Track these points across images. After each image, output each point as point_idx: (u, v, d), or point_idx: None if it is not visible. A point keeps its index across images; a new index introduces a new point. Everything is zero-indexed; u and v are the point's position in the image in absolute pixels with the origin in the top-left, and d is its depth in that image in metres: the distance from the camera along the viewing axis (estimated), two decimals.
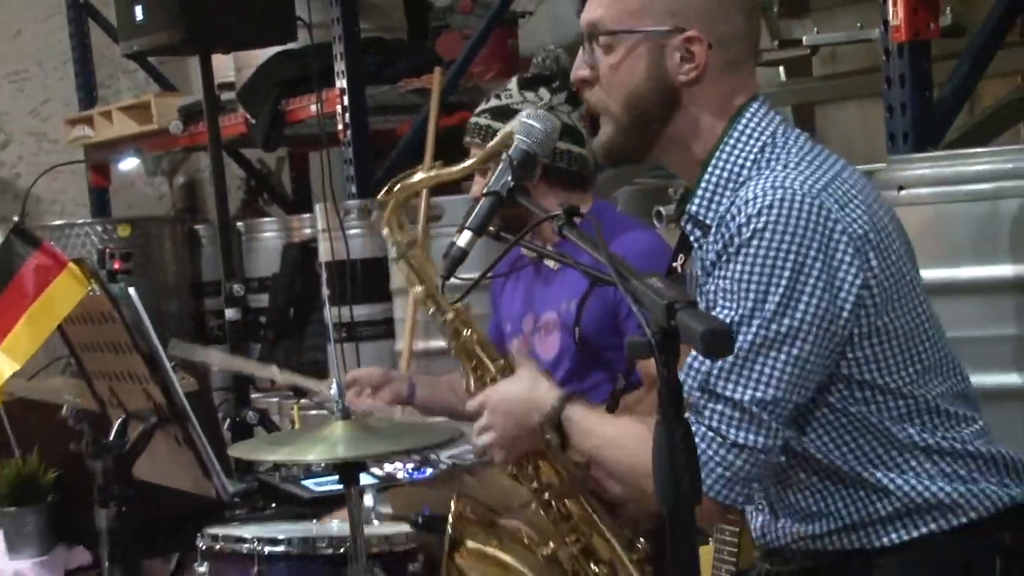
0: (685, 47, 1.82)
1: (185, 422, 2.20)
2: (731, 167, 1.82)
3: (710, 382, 1.71)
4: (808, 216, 1.71)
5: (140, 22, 4.22)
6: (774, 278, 1.70)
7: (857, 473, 1.79)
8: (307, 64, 4.57)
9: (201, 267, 5.67)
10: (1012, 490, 1.82)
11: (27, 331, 2.13)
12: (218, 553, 2.72)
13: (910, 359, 1.79)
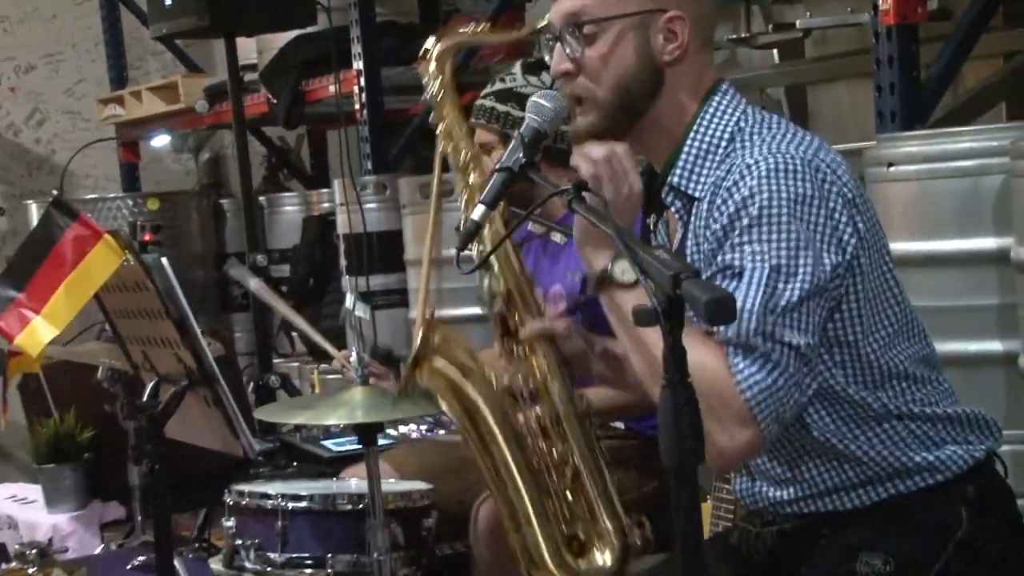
0: (667, 27, 1.81)
1: (214, 385, 2.20)
2: (710, 139, 1.81)
3: (776, 332, 1.66)
4: (808, 177, 1.71)
5: (169, 6, 4.22)
6: (792, 236, 1.68)
7: (831, 444, 1.80)
8: (326, 46, 4.55)
9: (225, 239, 5.68)
10: (976, 447, 1.82)
11: (66, 298, 2.13)
12: (244, 508, 2.73)
13: (882, 322, 1.79)
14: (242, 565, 2.74)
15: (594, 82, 1.83)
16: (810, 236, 1.69)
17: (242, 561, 2.73)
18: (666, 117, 1.84)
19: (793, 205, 1.69)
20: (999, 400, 2.41)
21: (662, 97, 1.83)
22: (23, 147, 6.69)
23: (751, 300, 1.66)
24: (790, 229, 1.68)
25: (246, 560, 2.72)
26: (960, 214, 2.50)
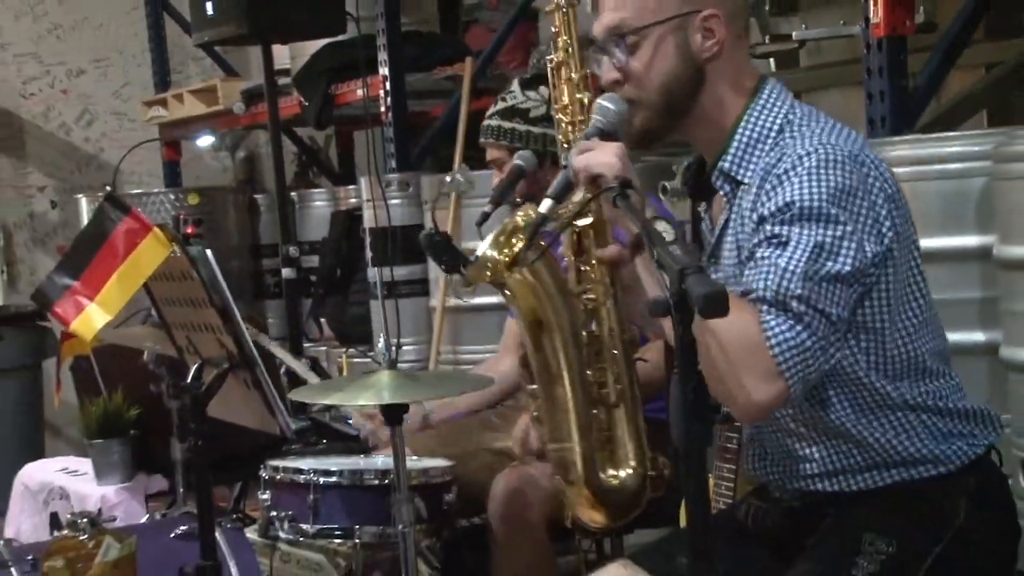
0: (704, 26, 1.80)
1: (254, 367, 2.20)
2: (760, 129, 1.81)
3: (813, 297, 1.65)
4: (855, 170, 1.71)
5: (211, 16, 4.22)
6: (839, 223, 1.68)
7: (845, 428, 1.79)
8: (354, 53, 4.55)
9: (260, 231, 5.68)
10: (979, 441, 1.81)
11: (118, 287, 2.13)
12: (279, 482, 2.74)
13: (907, 314, 1.78)
14: (276, 535, 2.74)
15: (641, 87, 1.83)
16: (855, 225, 1.68)
17: (276, 531, 2.73)
18: (712, 109, 1.84)
19: (841, 195, 1.68)
20: (982, 388, 2.39)
21: (705, 91, 1.83)
22: (73, 145, 6.70)
23: (795, 263, 1.66)
24: (838, 218, 1.67)
25: (280, 530, 2.72)
26: (945, 214, 2.49)
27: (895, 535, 1.74)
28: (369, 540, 2.66)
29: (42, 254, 6.57)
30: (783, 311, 1.65)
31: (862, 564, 1.72)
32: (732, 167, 1.82)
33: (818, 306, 1.65)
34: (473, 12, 5.59)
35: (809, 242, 1.67)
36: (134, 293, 2.19)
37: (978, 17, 3.01)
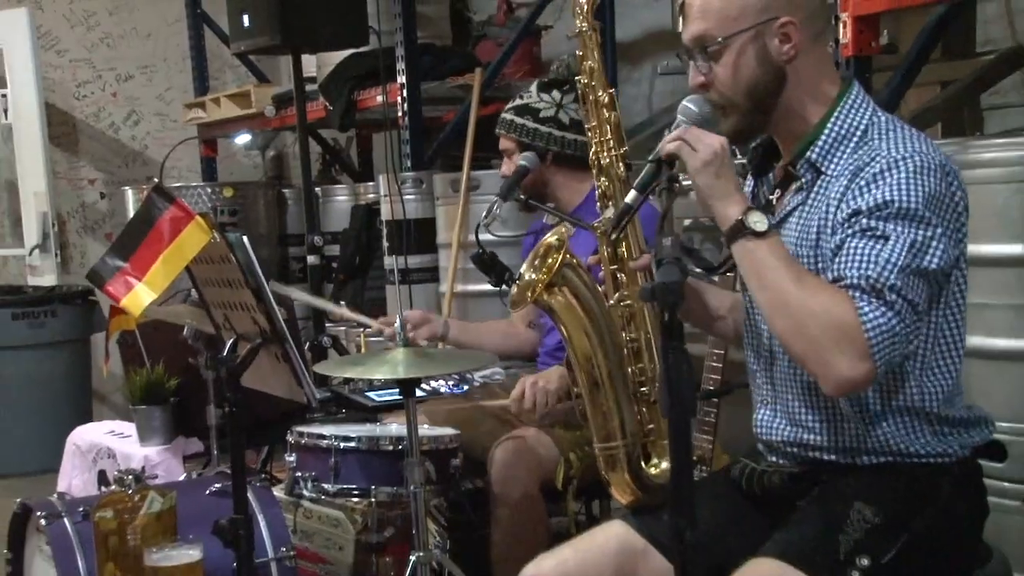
0: (781, 32, 1.76)
1: (284, 343, 2.20)
2: (848, 127, 1.78)
3: (905, 288, 1.63)
4: (943, 179, 1.68)
5: (247, 28, 4.21)
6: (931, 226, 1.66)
7: (857, 414, 1.77)
8: (375, 63, 4.54)
9: (287, 222, 5.68)
10: (970, 440, 1.80)
11: (163, 269, 2.13)
12: (303, 446, 2.75)
13: (957, 323, 1.77)
14: (301, 493, 2.75)
15: (726, 92, 1.80)
16: (944, 229, 1.67)
17: (301, 490, 2.74)
18: (797, 105, 1.81)
19: (933, 201, 1.66)
20: None
21: (787, 90, 1.80)
22: (121, 143, 6.69)
23: (896, 256, 1.64)
24: (931, 221, 1.65)
25: (304, 489, 2.73)
26: None
27: (882, 507, 1.72)
28: (384, 499, 2.67)
29: (91, 240, 6.57)
30: (877, 298, 1.62)
31: (849, 531, 1.70)
32: (819, 159, 1.79)
33: (908, 296, 1.63)
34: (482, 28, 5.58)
35: (907, 239, 1.64)
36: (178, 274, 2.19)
37: (935, 40, 3.00)
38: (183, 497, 2.24)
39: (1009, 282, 2.29)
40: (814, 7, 1.82)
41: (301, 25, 4.08)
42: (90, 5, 6.56)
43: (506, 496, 2.67)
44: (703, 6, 1.79)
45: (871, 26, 2.76)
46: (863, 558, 1.69)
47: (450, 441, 2.74)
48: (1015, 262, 2.28)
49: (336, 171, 6.30)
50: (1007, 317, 2.29)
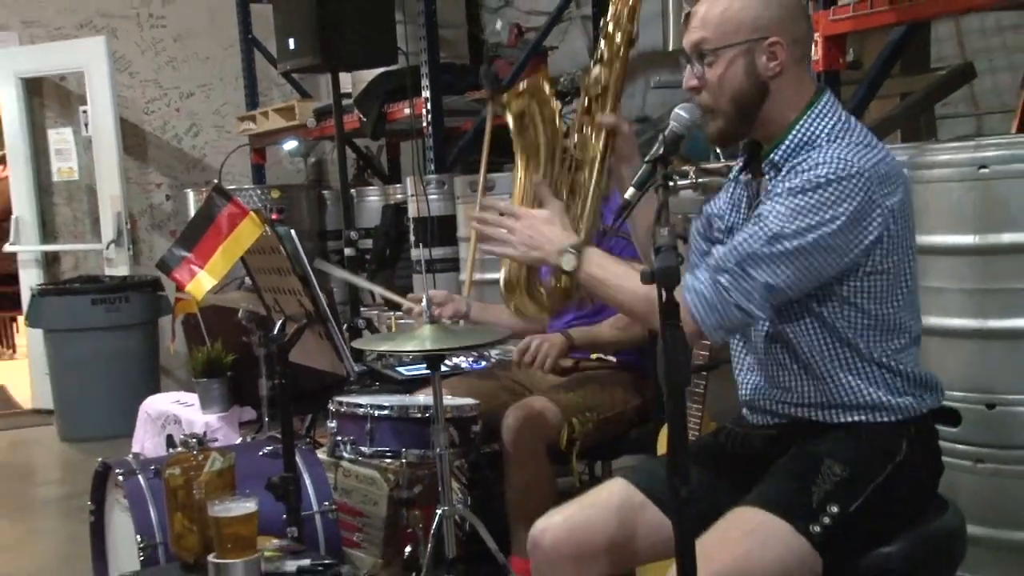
0: (769, 50, 1.74)
1: (327, 323, 2.19)
2: (808, 135, 1.76)
3: (745, 263, 1.66)
4: (858, 186, 1.66)
5: (292, 50, 4.20)
6: (817, 221, 1.65)
7: (828, 370, 1.76)
8: (403, 80, 4.54)
9: (326, 219, 5.69)
10: (924, 402, 1.79)
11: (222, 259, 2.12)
12: (343, 414, 2.74)
13: (895, 296, 1.75)
14: (340, 455, 2.75)
15: (715, 96, 1.77)
16: (831, 222, 1.65)
17: (340, 452, 2.74)
18: (775, 115, 1.78)
19: (827, 209, 1.65)
20: None
21: (769, 102, 1.77)
22: (183, 151, 6.68)
23: (745, 240, 1.67)
24: (811, 221, 1.65)
25: (343, 451, 2.73)
26: None
27: (849, 463, 1.72)
28: (413, 460, 2.66)
29: (158, 236, 6.57)
30: (712, 271, 1.68)
31: (820, 483, 1.69)
32: (780, 160, 1.77)
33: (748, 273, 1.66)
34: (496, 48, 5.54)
35: (770, 229, 1.65)
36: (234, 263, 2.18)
37: (895, 57, 2.97)
38: (240, 458, 2.23)
39: (961, 269, 2.26)
40: (800, 32, 1.79)
41: (338, 47, 4.07)
42: (157, 33, 6.55)
43: (517, 457, 2.66)
44: (704, 17, 1.77)
45: (838, 45, 2.74)
46: (832, 506, 1.68)
47: (470, 410, 2.73)
48: (966, 251, 2.25)
49: (369, 175, 6.29)
50: (960, 299, 2.27)
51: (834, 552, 1.68)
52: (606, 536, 1.80)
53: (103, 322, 5.51)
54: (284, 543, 2.18)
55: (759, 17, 1.74)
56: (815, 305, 1.75)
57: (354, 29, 4.08)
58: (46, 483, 4.93)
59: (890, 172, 1.70)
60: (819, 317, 1.75)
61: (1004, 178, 2.20)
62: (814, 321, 1.76)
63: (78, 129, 6.29)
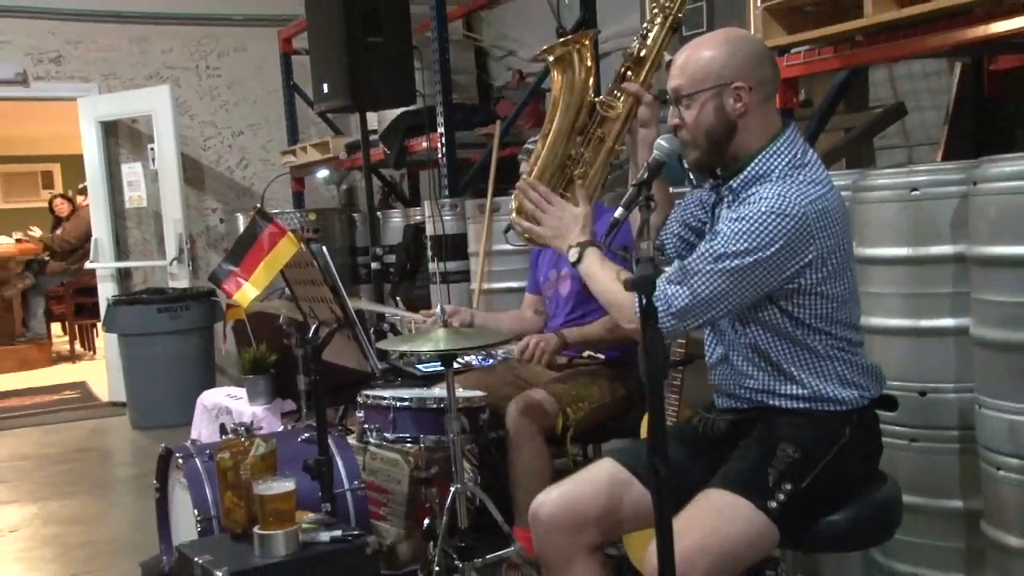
0: (735, 93, 1.74)
1: (354, 327, 2.18)
2: (764, 169, 1.76)
3: (689, 276, 1.67)
4: (793, 221, 1.66)
5: (326, 93, 4.20)
6: (755, 245, 1.65)
7: (782, 365, 1.76)
8: (420, 118, 4.54)
9: (355, 238, 5.66)
10: (867, 392, 1.78)
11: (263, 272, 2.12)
12: (369, 405, 2.73)
13: (835, 311, 1.75)
14: (368, 441, 2.74)
15: (692, 133, 1.78)
16: (757, 259, 1.66)
17: (368, 438, 2.73)
18: (742, 147, 1.78)
19: (764, 237, 1.66)
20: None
21: (737, 137, 1.77)
22: (235, 181, 6.70)
23: (697, 254, 1.68)
24: (750, 244, 1.66)
25: (371, 437, 2.72)
26: None
27: (801, 445, 1.71)
28: (430, 445, 2.65)
29: (213, 253, 6.57)
30: (677, 283, 1.69)
31: (776, 464, 1.69)
32: (739, 187, 1.78)
33: (695, 286, 1.68)
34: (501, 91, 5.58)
35: (718, 249, 1.67)
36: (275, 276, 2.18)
37: (840, 97, 2.97)
38: (281, 443, 2.22)
39: (898, 276, 2.25)
40: (766, 76, 1.77)
41: (365, 91, 4.08)
42: (213, 82, 6.57)
43: (519, 441, 2.65)
44: (681, 67, 1.78)
45: (792, 86, 2.73)
46: (787, 484, 1.67)
47: (479, 401, 2.72)
48: (901, 261, 2.25)
49: (392, 199, 6.29)
50: (897, 303, 2.26)
51: (789, 523, 1.67)
52: (596, 508, 1.79)
53: (167, 327, 5.52)
54: (319, 517, 2.17)
55: (725, 66, 1.74)
56: (776, 313, 1.74)
57: (379, 75, 4.09)
58: (120, 464, 4.93)
59: (827, 207, 1.70)
60: (779, 324, 1.75)
61: (932, 199, 2.20)
62: (776, 326, 1.76)
63: (146, 164, 6.32)
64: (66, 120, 6.43)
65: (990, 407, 2.03)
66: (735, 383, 1.83)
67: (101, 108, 6.22)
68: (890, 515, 1.81)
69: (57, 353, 8.37)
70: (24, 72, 5.95)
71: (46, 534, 3.74)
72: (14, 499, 4.25)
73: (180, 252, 6.07)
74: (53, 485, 4.44)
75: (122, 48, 6.28)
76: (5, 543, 3.66)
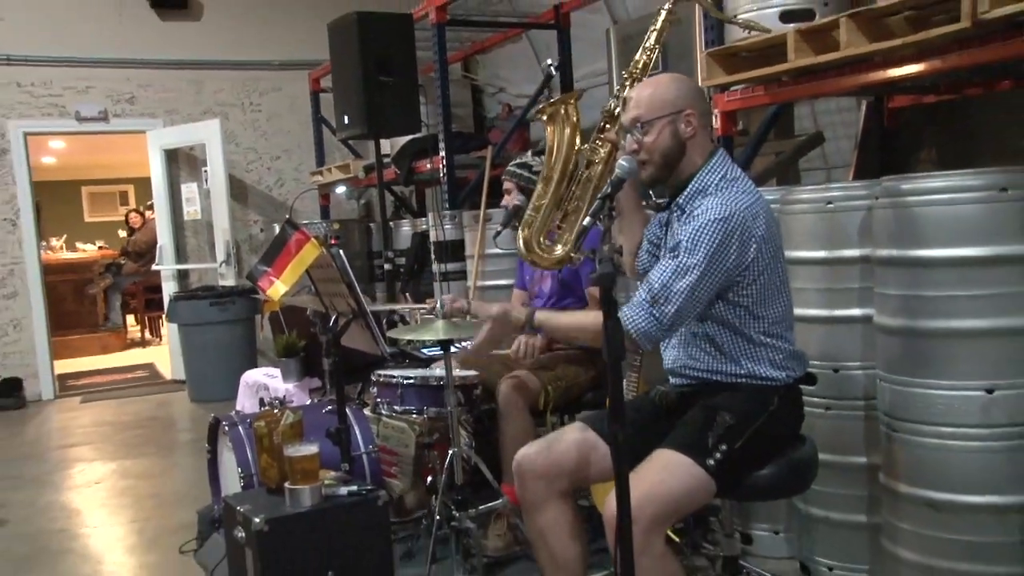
0: (686, 119, 1.75)
1: (366, 317, 2.18)
2: (703, 184, 1.76)
3: (665, 293, 1.66)
4: (738, 227, 1.66)
5: (347, 124, 4.19)
6: (711, 251, 1.65)
7: (730, 352, 1.76)
8: (425, 144, 4.53)
9: (372, 244, 5.65)
10: (793, 373, 1.78)
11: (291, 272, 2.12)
12: (381, 383, 2.73)
13: (771, 300, 1.74)
14: (380, 412, 2.73)
15: (649, 154, 1.78)
16: (712, 260, 1.66)
17: (380, 410, 2.72)
18: (688, 166, 1.78)
19: (714, 241, 1.66)
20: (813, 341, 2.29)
21: (686, 156, 1.78)
22: (272, 197, 6.66)
23: (668, 273, 1.67)
24: (705, 253, 1.65)
25: (383, 410, 2.71)
26: None
27: (735, 413, 1.71)
28: (432, 415, 2.65)
29: (254, 258, 6.52)
30: (645, 301, 1.67)
31: (715, 429, 1.69)
32: (684, 202, 1.78)
33: (661, 305, 1.66)
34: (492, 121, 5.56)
35: (679, 264, 1.66)
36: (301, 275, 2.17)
37: (771, 126, 2.97)
38: (307, 414, 2.22)
39: (816, 274, 2.27)
40: (705, 107, 1.81)
41: (379, 121, 4.05)
42: (255, 115, 6.54)
43: (507, 413, 2.64)
44: (637, 100, 1.78)
45: (731, 118, 2.74)
46: (722, 445, 1.68)
47: (473, 379, 2.71)
48: (819, 262, 2.26)
49: (402, 211, 6.28)
50: (815, 296, 2.27)
51: (724, 477, 1.68)
52: (568, 462, 1.80)
53: (217, 318, 5.51)
54: (339, 474, 2.17)
55: (677, 97, 1.76)
56: (722, 307, 1.74)
57: (390, 108, 4.07)
58: (180, 431, 4.93)
59: (758, 211, 1.71)
60: (723, 316, 1.75)
61: (843, 211, 2.21)
62: (721, 318, 1.76)
63: (200, 183, 6.29)
64: (138, 149, 6.45)
65: (888, 381, 2.05)
66: (684, 365, 1.84)
67: (165, 139, 6.23)
68: (808, 470, 1.82)
69: (130, 339, 8.37)
70: (105, 110, 6.02)
71: (122, 486, 3.78)
72: (97, 457, 4.31)
73: (228, 256, 6.05)
74: (127, 447, 4.48)
75: (182, 89, 6.27)
76: (92, 492, 3.72)
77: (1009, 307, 1.86)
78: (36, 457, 4.35)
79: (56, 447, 4.56)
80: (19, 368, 5.84)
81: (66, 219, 10.13)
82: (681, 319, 1.68)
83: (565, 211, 2.00)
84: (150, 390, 6.03)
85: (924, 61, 2.06)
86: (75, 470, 4.08)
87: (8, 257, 5.86)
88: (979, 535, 1.88)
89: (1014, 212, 1.85)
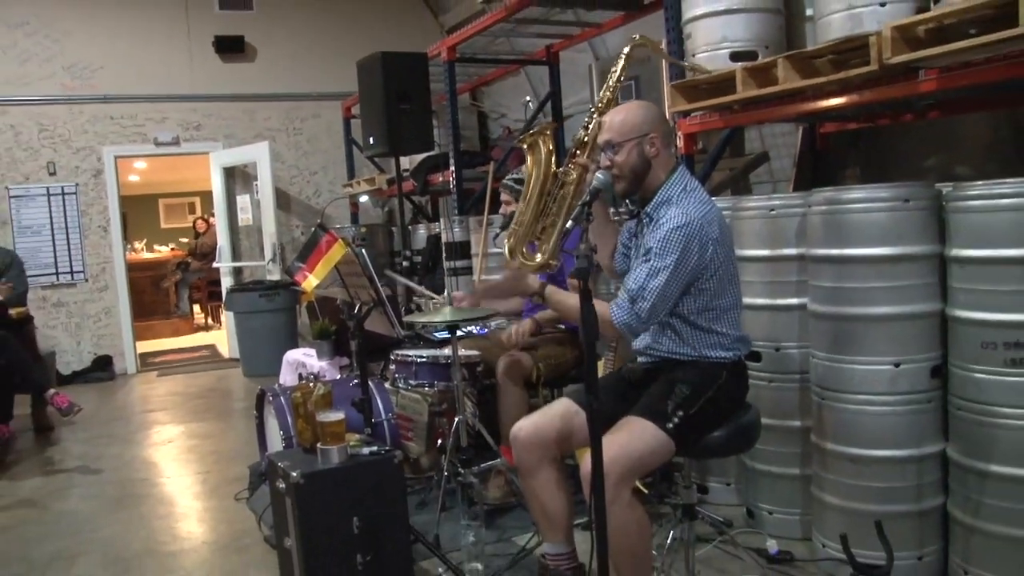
0: (651, 140, 1.74)
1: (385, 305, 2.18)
2: (667, 196, 1.75)
3: (641, 292, 1.66)
4: (695, 228, 1.66)
5: (372, 143, 4.17)
6: (678, 254, 1.65)
7: (687, 338, 1.76)
8: (437, 160, 4.52)
9: (393, 244, 5.62)
10: (739, 353, 1.78)
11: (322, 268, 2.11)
12: (399, 361, 2.73)
13: (723, 293, 1.74)
14: (398, 385, 2.73)
15: (621, 170, 1.77)
16: (683, 257, 1.65)
17: (398, 384, 2.72)
18: (654, 180, 1.78)
19: (679, 246, 1.65)
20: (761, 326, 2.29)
21: (651, 172, 1.77)
22: (310, 206, 6.63)
23: (643, 276, 1.66)
24: (673, 257, 1.65)
25: (400, 383, 2.71)
26: None
27: (690, 385, 1.71)
28: (441, 388, 2.66)
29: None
30: (628, 300, 1.66)
31: (673, 398, 1.69)
32: (652, 211, 1.77)
33: (638, 302, 1.66)
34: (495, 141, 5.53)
35: (652, 266, 1.66)
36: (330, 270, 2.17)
37: (725, 146, 2.96)
38: (337, 387, 2.22)
39: (761, 269, 2.28)
40: (667, 130, 1.80)
41: (399, 141, 4.05)
42: (297, 138, 6.53)
43: (504, 388, 2.65)
44: (610, 124, 1.78)
45: (692, 138, 2.73)
46: (680, 411, 1.68)
47: (476, 358, 2.71)
48: (763, 259, 2.27)
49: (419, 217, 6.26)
50: (761, 288, 2.28)
51: (682, 439, 1.68)
52: (555, 432, 1.80)
53: (265, 307, 5.51)
54: (362, 437, 2.17)
55: (643, 122, 1.75)
56: (684, 301, 1.74)
57: (408, 131, 4.06)
58: (236, 400, 4.95)
59: (712, 218, 1.70)
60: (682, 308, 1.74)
61: (783, 217, 2.22)
62: (680, 313, 1.75)
63: (252, 195, 6.29)
64: (203, 167, 6.51)
65: (817, 357, 2.07)
66: (649, 347, 1.84)
67: (224, 159, 6.26)
68: (753, 432, 1.82)
69: (196, 324, 8.44)
70: (177, 136, 6.13)
71: (189, 444, 3.85)
72: (170, 421, 4.40)
73: (274, 255, 6.05)
74: (194, 412, 4.55)
75: (238, 118, 6.30)
76: (166, 449, 3.81)
77: (912, 296, 1.90)
78: (123, 420, 4.47)
79: (138, 412, 4.67)
80: (110, 347, 5.99)
81: (146, 226, 10.31)
82: (657, 313, 1.67)
83: (543, 225, 1.99)
84: (211, 366, 6.09)
85: (845, 95, 2.10)
86: (153, 431, 4.17)
87: (101, 257, 5.99)
88: (885, 481, 1.94)
89: (915, 219, 1.89)
